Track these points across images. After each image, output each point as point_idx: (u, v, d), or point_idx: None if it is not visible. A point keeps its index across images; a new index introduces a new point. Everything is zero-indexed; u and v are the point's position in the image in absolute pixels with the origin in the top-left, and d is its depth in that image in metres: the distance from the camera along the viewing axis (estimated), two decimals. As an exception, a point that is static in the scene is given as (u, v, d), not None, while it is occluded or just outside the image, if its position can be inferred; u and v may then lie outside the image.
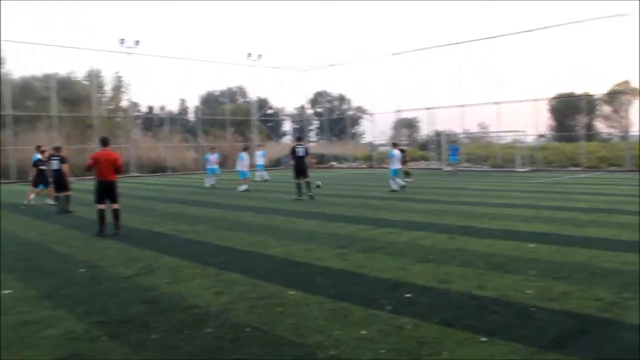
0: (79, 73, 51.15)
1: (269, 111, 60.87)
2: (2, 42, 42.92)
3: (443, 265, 8.31)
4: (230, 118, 54.38)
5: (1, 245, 11.29)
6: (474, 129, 47.13)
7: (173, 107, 58.89)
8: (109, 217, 12.41)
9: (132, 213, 16.03)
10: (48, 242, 11.70)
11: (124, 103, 53.60)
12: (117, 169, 12.46)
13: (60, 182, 17.84)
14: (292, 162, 19.70)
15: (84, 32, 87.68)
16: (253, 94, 57.39)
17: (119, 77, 52.93)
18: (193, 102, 57.30)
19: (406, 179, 24.54)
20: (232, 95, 61.07)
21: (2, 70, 44.61)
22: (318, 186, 26.52)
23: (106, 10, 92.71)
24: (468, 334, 5.26)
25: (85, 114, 47.02)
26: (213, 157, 28.86)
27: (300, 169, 19.39)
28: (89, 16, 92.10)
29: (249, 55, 51.41)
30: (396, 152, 22.59)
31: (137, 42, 44.94)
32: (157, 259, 9.46)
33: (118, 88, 54.01)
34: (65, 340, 5.43)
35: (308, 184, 19.47)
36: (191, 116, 60.06)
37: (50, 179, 18.62)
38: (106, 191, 12.40)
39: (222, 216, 15.21)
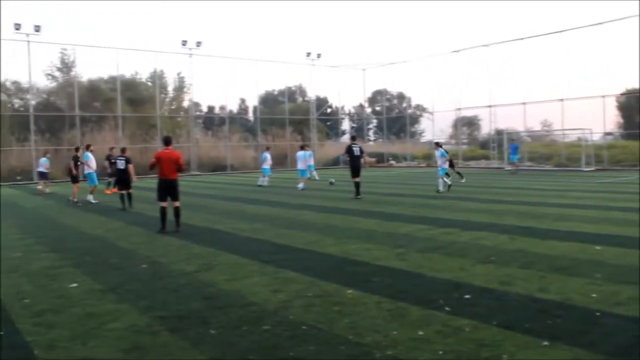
0: (143, 74, 52.67)
1: (328, 110, 61.03)
2: (68, 46, 44.69)
3: (504, 266, 8.11)
4: (289, 117, 54.78)
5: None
6: (537, 127, 45.88)
7: (233, 106, 59.88)
8: (170, 215, 12.70)
9: (192, 211, 16.36)
10: (112, 238, 12.06)
11: (185, 103, 54.80)
12: (179, 167, 12.68)
13: (125, 181, 18.53)
14: (347, 160, 19.86)
15: (147, 34, 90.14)
16: (312, 93, 57.69)
17: (181, 77, 54.18)
18: (252, 102, 57.99)
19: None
20: (291, 94, 61.49)
21: (71, 73, 46.33)
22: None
23: (169, 13, 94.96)
24: (529, 338, 5.11)
25: (149, 114, 48.28)
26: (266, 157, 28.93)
27: (356, 168, 19.42)
28: (152, 19, 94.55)
29: (308, 54, 51.68)
30: (440, 152, 21.88)
31: (198, 44, 45.84)
32: (216, 256, 9.61)
33: (180, 88, 55.28)
34: (128, 333, 5.58)
35: (358, 184, 19.43)
36: (250, 115, 60.83)
37: (111, 179, 19.37)
38: (168, 189, 12.66)
39: (280, 214, 15.33)
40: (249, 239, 11.44)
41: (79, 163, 20.97)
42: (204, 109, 60.32)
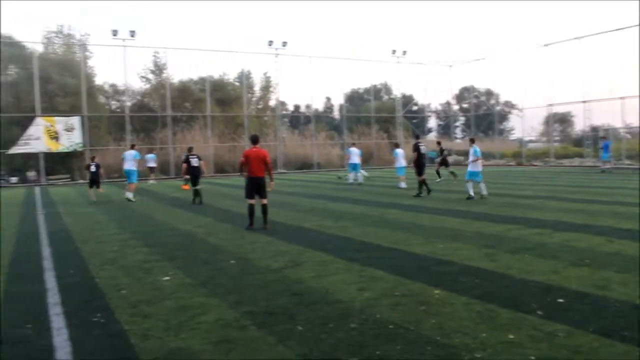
0: (231, 75, 54.04)
1: (414, 108, 60.38)
2: (160, 49, 46.44)
3: (600, 270, 7.73)
4: (375, 115, 54.62)
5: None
6: (636, 122, 43.44)
7: (319, 105, 60.39)
8: (258, 212, 12.94)
9: (279, 208, 16.60)
10: (202, 234, 12.43)
11: (272, 102, 55.70)
12: (267, 165, 12.86)
13: (197, 177, 19.78)
14: (414, 159, 20.06)
15: (235, 36, 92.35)
16: (397, 91, 57.29)
17: (268, 77, 55.16)
18: (338, 100, 58.29)
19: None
20: (377, 92, 61.29)
21: (163, 75, 48.16)
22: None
23: (255, 14, 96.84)
24: (629, 347, 4.84)
25: (236, 113, 49.44)
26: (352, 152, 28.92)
27: (423, 166, 19.92)
28: (239, 20, 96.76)
29: (394, 52, 51.35)
30: (472, 149, 18.76)
31: (284, 43, 46.49)
32: (303, 253, 9.71)
33: (267, 88, 56.30)
34: (217, 327, 5.72)
35: (424, 182, 19.70)
36: (336, 114, 61.10)
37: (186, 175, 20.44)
38: (256, 187, 12.84)
39: (366, 212, 15.31)
40: (335, 236, 11.49)
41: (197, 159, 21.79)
42: (290, 107, 61.20)
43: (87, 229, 13.89)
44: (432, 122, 63.96)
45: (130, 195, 21.59)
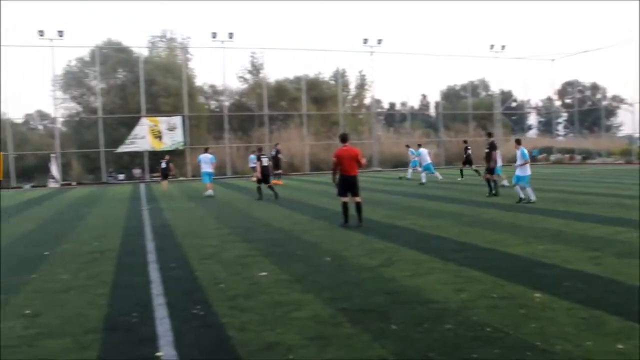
0: (326, 74, 54.54)
1: (513, 104, 58.52)
2: (257, 50, 47.53)
3: None
4: (472, 112, 53.38)
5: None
6: None
7: (414, 102, 59.72)
8: (351, 210, 12.97)
9: (374, 206, 16.56)
10: (297, 231, 12.60)
11: (367, 100, 55.74)
12: (359, 163, 12.89)
13: (268, 175, 21.42)
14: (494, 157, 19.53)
15: (330, 34, 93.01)
16: (496, 87, 55.67)
17: (362, 75, 55.22)
18: (434, 97, 57.45)
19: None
20: (474, 88, 59.85)
21: (260, 75, 49.32)
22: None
23: (350, 12, 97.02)
24: None
25: (331, 111, 49.80)
26: (423, 152, 28.23)
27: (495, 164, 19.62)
28: (334, 19, 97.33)
29: (492, 47, 49.93)
30: (520, 151, 17.18)
31: (379, 41, 46.34)
32: (397, 251, 9.63)
33: (361, 86, 56.39)
34: (312, 323, 5.78)
35: (495, 182, 19.39)
36: (432, 111, 60.26)
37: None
38: (349, 185, 12.89)
39: (463, 211, 14.98)
40: (431, 235, 11.32)
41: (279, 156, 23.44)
42: (385, 105, 60.90)
43: (187, 224, 14.44)
44: (532, 119, 61.76)
45: (210, 192, 23.47)
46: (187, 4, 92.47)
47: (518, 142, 17.72)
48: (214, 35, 42.30)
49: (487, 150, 19.67)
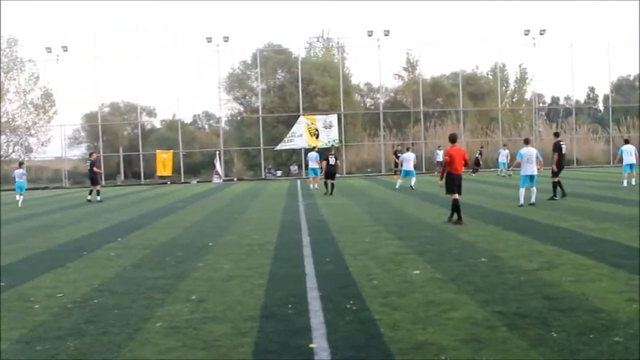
0: (484, 68, 52.93)
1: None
2: (413, 46, 47.12)
3: None
4: (648, 105, 49.00)
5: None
6: None
7: (580, 96, 56.12)
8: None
9: (535, 207, 15.83)
10: (453, 229, 12.35)
11: (527, 95, 53.36)
12: (465, 162, 13.63)
13: (333, 173, 23.77)
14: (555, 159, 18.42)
15: (488, 27, 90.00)
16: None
17: (523, 69, 52.89)
18: (603, 90, 53.53)
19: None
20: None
21: (416, 72, 48.99)
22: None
23: (509, 2, 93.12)
24: None
25: (489, 107, 48.24)
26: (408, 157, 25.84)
27: (562, 167, 18.76)
28: (492, 10, 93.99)
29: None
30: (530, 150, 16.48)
31: (542, 32, 44.05)
32: (560, 254, 9.08)
33: (522, 80, 54.06)
34: (466, 324, 5.62)
35: (558, 184, 18.29)
36: (600, 105, 56.25)
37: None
38: (457, 183, 13.42)
39: (632, 214, 13.77)
40: (597, 239, 10.54)
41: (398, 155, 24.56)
42: (547, 100, 57.85)
43: (343, 220, 14.72)
44: None
45: (316, 185, 26.55)
46: (345, 3, 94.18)
47: (527, 141, 17.31)
48: (370, 33, 42.66)
49: (556, 152, 18.49)
